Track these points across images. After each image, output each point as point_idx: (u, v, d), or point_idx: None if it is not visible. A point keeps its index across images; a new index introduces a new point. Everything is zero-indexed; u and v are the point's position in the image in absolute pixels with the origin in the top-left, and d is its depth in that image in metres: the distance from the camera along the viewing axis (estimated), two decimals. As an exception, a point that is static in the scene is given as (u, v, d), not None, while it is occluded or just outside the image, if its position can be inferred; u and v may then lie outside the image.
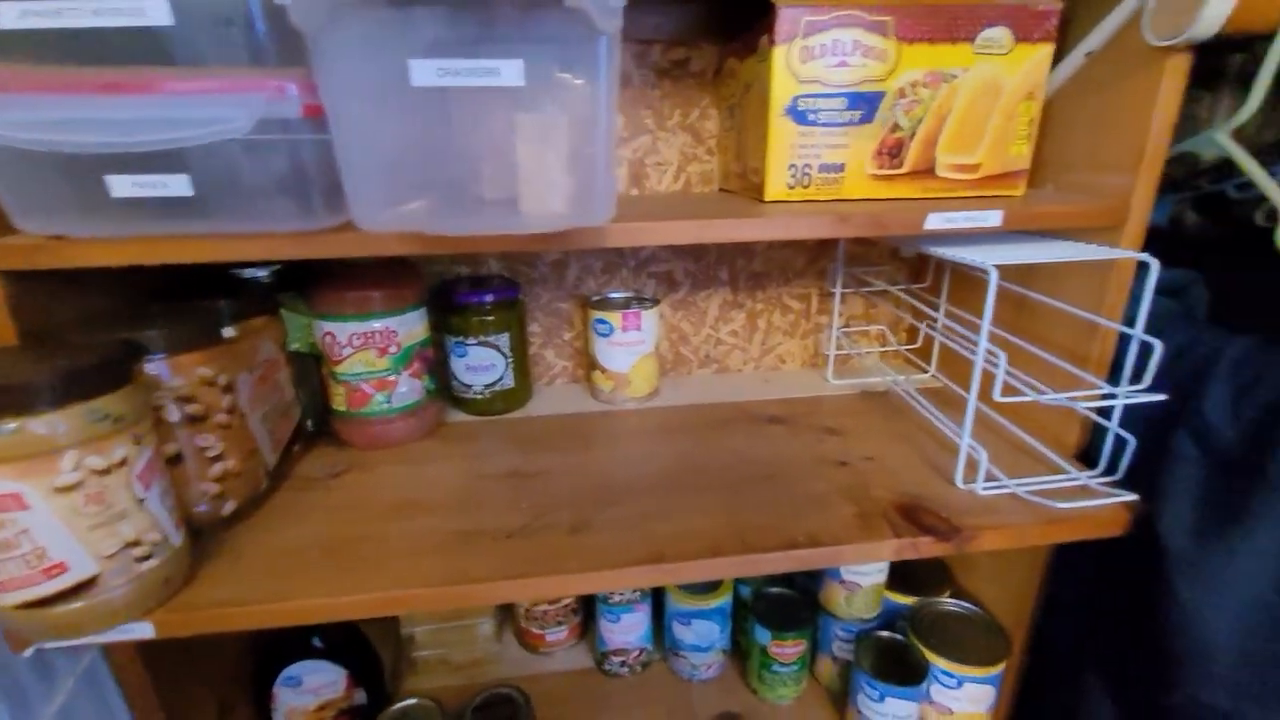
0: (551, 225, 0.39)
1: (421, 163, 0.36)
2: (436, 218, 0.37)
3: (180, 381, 0.46)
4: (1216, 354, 0.48)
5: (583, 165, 0.37)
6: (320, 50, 0.32)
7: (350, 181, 0.35)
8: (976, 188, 0.56)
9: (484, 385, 0.70)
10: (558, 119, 0.36)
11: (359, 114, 0.34)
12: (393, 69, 0.32)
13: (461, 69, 0.33)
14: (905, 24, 0.51)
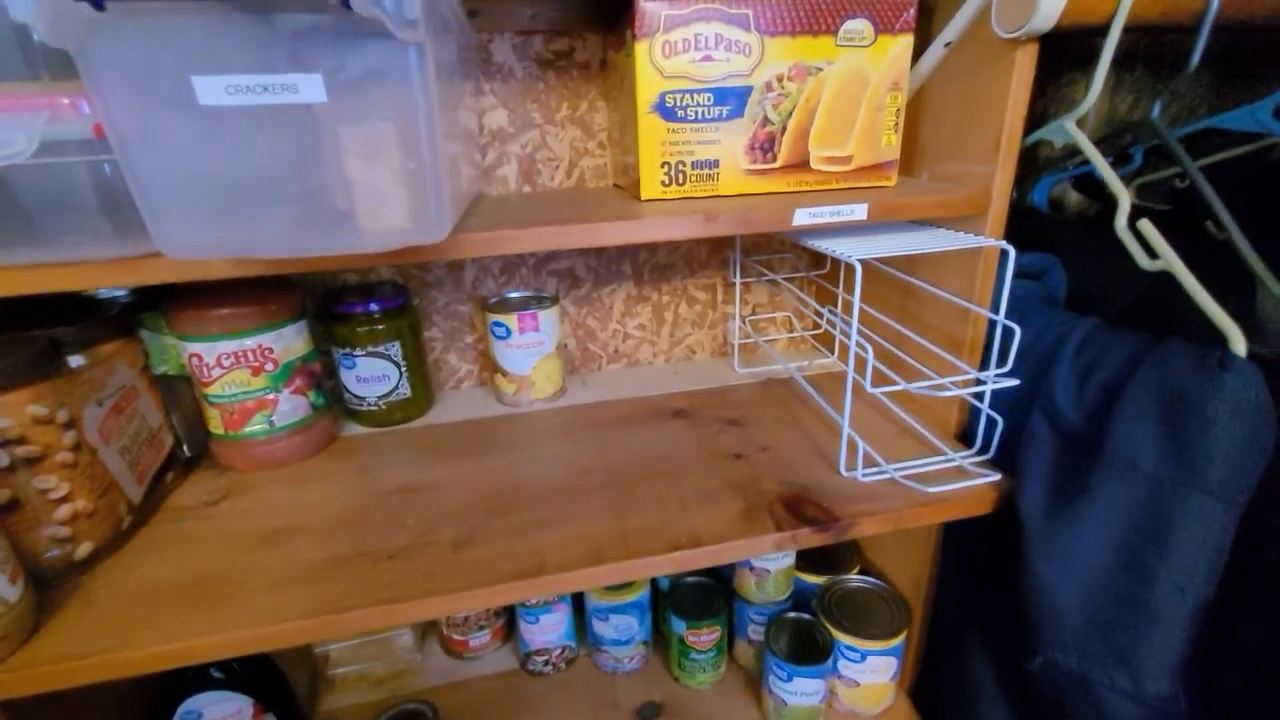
0: (388, 244, 0.37)
1: (228, 184, 0.33)
2: (257, 242, 0.35)
3: (7, 423, 0.43)
4: (1064, 337, 0.50)
5: (412, 180, 0.35)
6: (88, 69, 0.29)
7: (145, 209, 0.33)
8: (850, 179, 0.57)
9: (377, 396, 0.68)
10: (378, 131, 0.34)
11: (141, 137, 0.31)
12: (175, 87, 0.30)
13: (253, 85, 0.30)
14: (766, 17, 0.51)
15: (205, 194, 0.33)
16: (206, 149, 0.32)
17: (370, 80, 0.32)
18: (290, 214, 0.35)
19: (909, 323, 0.66)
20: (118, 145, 0.31)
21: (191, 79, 0.30)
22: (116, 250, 0.38)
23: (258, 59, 0.30)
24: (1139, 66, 0.80)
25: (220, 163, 0.33)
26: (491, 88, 0.67)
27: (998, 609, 0.57)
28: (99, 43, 0.28)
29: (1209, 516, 0.40)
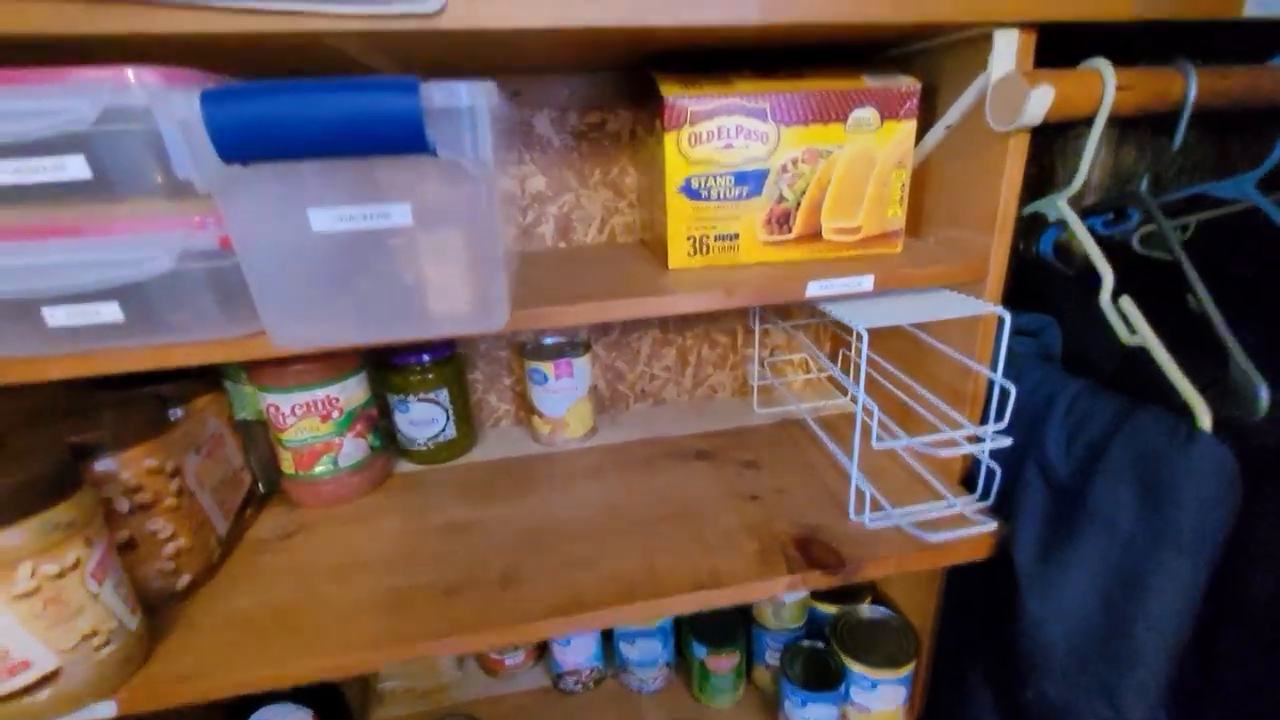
0: (456, 330, 0.44)
1: (327, 288, 0.40)
2: (347, 331, 0.42)
3: (128, 475, 0.50)
4: (1055, 396, 0.55)
5: (478, 278, 0.42)
6: (225, 204, 0.36)
7: (263, 311, 0.40)
8: (859, 247, 0.62)
9: (427, 438, 0.74)
10: (451, 238, 0.41)
11: (265, 256, 0.38)
12: (293, 215, 0.37)
13: (356, 214, 0.37)
14: (781, 109, 0.56)
15: (309, 296, 0.40)
16: (313, 260, 0.39)
17: (448, 204, 0.38)
18: (375, 308, 0.42)
19: (916, 372, 0.70)
20: (245, 261, 0.38)
21: (308, 211, 0.37)
22: (226, 332, 0.45)
23: (359, 192, 0.37)
24: (1141, 122, 0.84)
25: (322, 270, 0.40)
26: (531, 156, 0.74)
27: (996, 642, 0.61)
28: (239, 186, 0.35)
29: (1179, 569, 0.44)
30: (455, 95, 0.34)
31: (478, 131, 0.35)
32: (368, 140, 0.33)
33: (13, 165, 0.38)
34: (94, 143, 0.38)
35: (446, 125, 0.34)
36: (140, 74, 0.37)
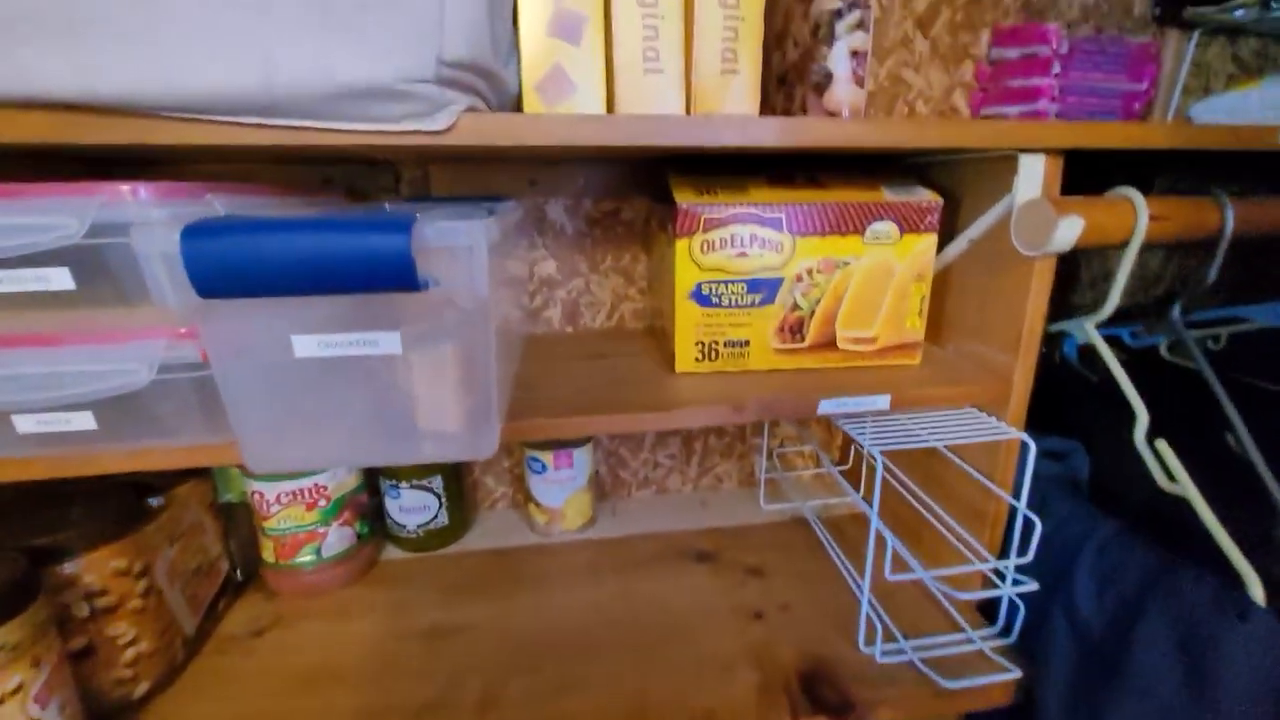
0: (440, 457, 0.41)
1: (309, 412, 0.38)
2: (327, 454, 0.40)
3: (91, 578, 0.47)
4: (1085, 537, 0.51)
5: (468, 407, 0.39)
6: (203, 330, 0.34)
7: (240, 435, 0.37)
8: (875, 358, 0.60)
9: (417, 525, 0.71)
10: (442, 360, 0.39)
11: (244, 380, 0.36)
12: (275, 343, 0.35)
13: (342, 341, 0.35)
14: (798, 220, 0.55)
15: (290, 420, 0.38)
16: (294, 385, 0.37)
17: (440, 334, 0.36)
18: (358, 433, 0.39)
19: (932, 486, 0.67)
20: (222, 385, 0.36)
21: (291, 337, 0.35)
22: (208, 438, 0.43)
23: (345, 321, 0.35)
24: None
25: (302, 394, 0.38)
26: (544, 242, 0.73)
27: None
28: (218, 314, 0.33)
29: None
30: (452, 235, 0.32)
31: (474, 267, 0.33)
32: (355, 280, 0.31)
33: None
34: (79, 255, 0.36)
35: (442, 260, 0.32)
36: (136, 189, 0.36)
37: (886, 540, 0.53)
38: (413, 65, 0.38)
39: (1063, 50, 0.66)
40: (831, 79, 0.51)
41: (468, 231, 0.32)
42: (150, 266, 0.31)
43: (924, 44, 0.73)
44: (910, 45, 0.73)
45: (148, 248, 0.31)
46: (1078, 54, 0.66)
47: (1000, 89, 0.72)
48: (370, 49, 0.37)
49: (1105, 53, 0.67)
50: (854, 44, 0.49)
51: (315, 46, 0.36)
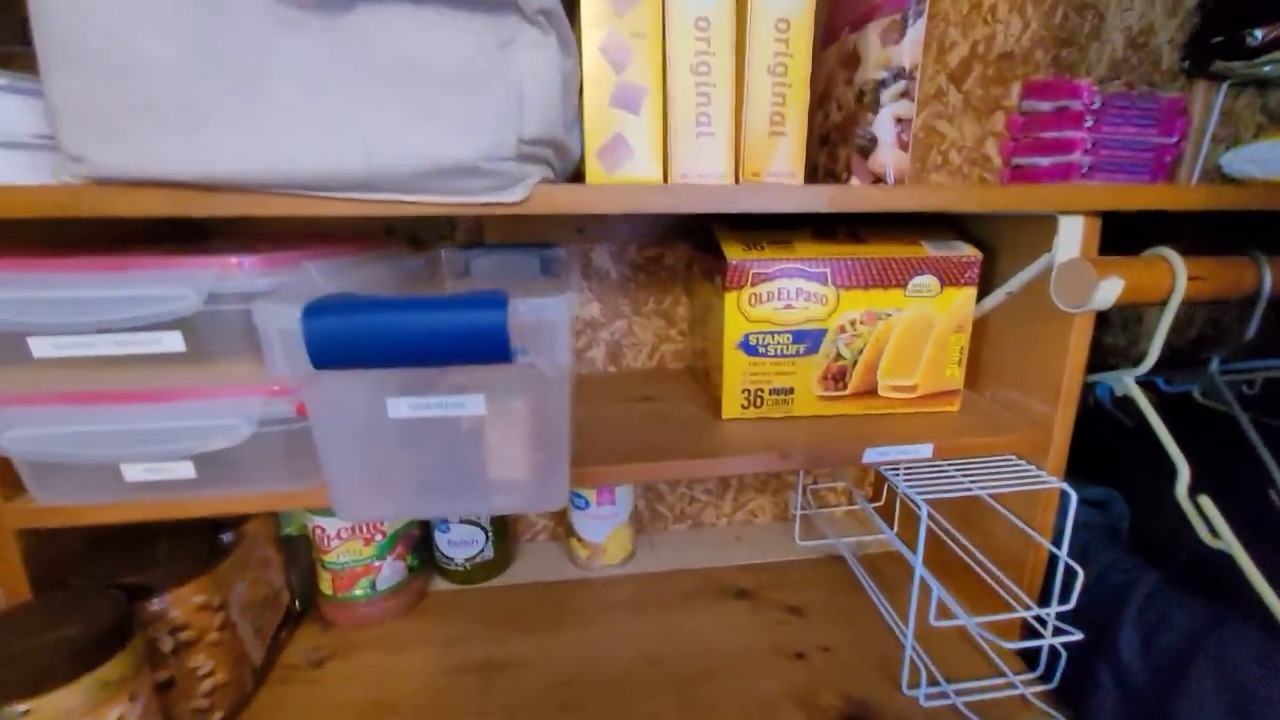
0: (513, 509, 0.44)
1: (396, 468, 0.41)
2: (410, 507, 0.42)
3: (177, 613, 0.50)
4: (1128, 588, 0.52)
5: (542, 465, 0.42)
6: (309, 396, 0.37)
7: (333, 488, 0.40)
8: (915, 405, 0.61)
9: (465, 558, 0.74)
10: (518, 429, 0.41)
11: (341, 440, 0.39)
12: (372, 405, 0.38)
13: (432, 404, 0.38)
14: (842, 274, 0.57)
15: (378, 475, 0.41)
16: (381, 441, 0.40)
17: (521, 398, 0.39)
18: (440, 487, 0.42)
19: (969, 529, 0.68)
20: (321, 444, 0.39)
21: (386, 400, 0.38)
22: (291, 486, 0.46)
23: (437, 384, 0.38)
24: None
25: (392, 452, 0.41)
26: (589, 285, 0.76)
27: None
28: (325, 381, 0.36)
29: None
30: (541, 310, 0.35)
31: (558, 339, 0.36)
32: (455, 353, 0.34)
33: (114, 339, 0.40)
34: (193, 322, 0.40)
35: (529, 333, 0.35)
36: (243, 261, 0.39)
37: (931, 587, 0.54)
38: (495, 145, 0.41)
39: (1095, 105, 0.68)
40: (876, 143, 0.53)
41: (554, 307, 0.35)
42: (268, 340, 0.34)
43: (957, 97, 0.76)
44: (944, 98, 0.75)
45: (267, 324, 0.34)
46: (1110, 109, 0.68)
47: (1032, 140, 0.74)
48: (458, 131, 0.40)
49: (1136, 108, 0.69)
50: (898, 111, 0.52)
51: (409, 131, 0.40)
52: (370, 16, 0.39)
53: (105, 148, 0.38)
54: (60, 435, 0.40)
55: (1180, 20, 0.76)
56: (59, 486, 0.44)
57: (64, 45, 0.38)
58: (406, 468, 0.41)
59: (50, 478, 0.44)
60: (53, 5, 0.37)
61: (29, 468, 0.43)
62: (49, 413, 0.40)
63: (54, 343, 0.39)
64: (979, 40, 0.74)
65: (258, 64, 0.39)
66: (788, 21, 0.51)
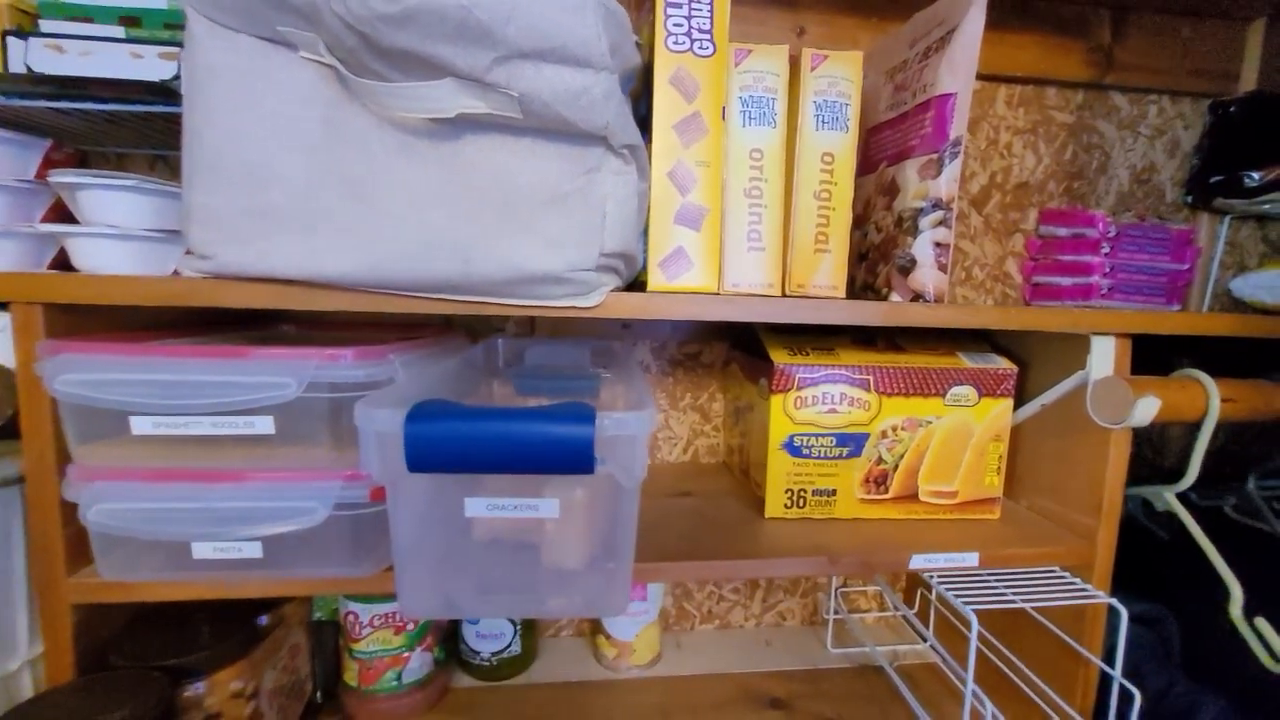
0: (573, 614, 0.44)
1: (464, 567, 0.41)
2: (473, 607, 0.43)
3: (212, 700, 0.49)
4: (1192, 712, 0.50)
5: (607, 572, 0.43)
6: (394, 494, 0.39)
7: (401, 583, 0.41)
8: (955, 511, 0.62)
9: (491, 653, 0.72)
10: (587, 535, 0.43)
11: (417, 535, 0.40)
12: (450, 504, 0.39)
13: (507, 505, 0.40)
14: (884, 381, 0.60)
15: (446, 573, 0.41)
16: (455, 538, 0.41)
17: (594, 505, 0.41)
18: (504, 589, 0.43)
19: (1011, 642, 0.66)
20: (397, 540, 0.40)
21: (464, 499, 0.39)
22: (351, 571, 0.46)
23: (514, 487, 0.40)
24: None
25: (464, 551, 0.42)
26: (628, 378, 0.79)
27: None
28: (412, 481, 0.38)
29: None
30: (624, 426, 0.37)
31: (636, 452, 0.38)
32: (542, 463, 0.36)
33: (210, 421, 0.42)
34: (285, 407, 0.42)
35: (609, 445, 0.37)
36: (342, 354, 0.42)
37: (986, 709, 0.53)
38: (580, 258, 0.45)
39: (1111, 234, 0.73)
40: (916, 263, 0.58)
41: (636, 423, 0.37)
42: (366, 440, 0.36)
43: (978, 219, 0.82)
44: (966, 220, 0.81)
45: (367, 425, 0.36)
46: (1125, 237, 0.74)
47: (1052, 261, 0.79)
48: (548, 246, 0.44)
49: (1149, 236, 0.75)
50: (937, 237, 0.57)
51: (505, 243, 0.44)
52: (474, 145, 0.44)
53: (231, 249, 0.42)
54: (144, 511, 0.42)
55: (1179, 161, 0.83)
56: (125, 562, 0.44)
57: (209, 161, 0.42)
58: (475, 566, 0.42)
59: (118, 552, 0.44)
60: (204, 126, 0.43)
61: (101, 541, 0.44)
62: (137, 489, 0.42)
63: (154, 421, 0.41)
64: (997, 171, 0.81)
65: (374, 182, 0.43)
66: (832, 155, 0.57)
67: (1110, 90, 0.81)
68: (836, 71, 0.57)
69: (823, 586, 0.86)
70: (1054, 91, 0.81)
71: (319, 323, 0.72)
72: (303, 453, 0.44)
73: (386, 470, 0.37)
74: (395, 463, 0.36)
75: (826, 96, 0.57)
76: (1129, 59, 0.80)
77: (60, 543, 0.45)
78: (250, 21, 0.42)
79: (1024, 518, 0.63)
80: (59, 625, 0.46)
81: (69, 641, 0.46)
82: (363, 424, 0.36)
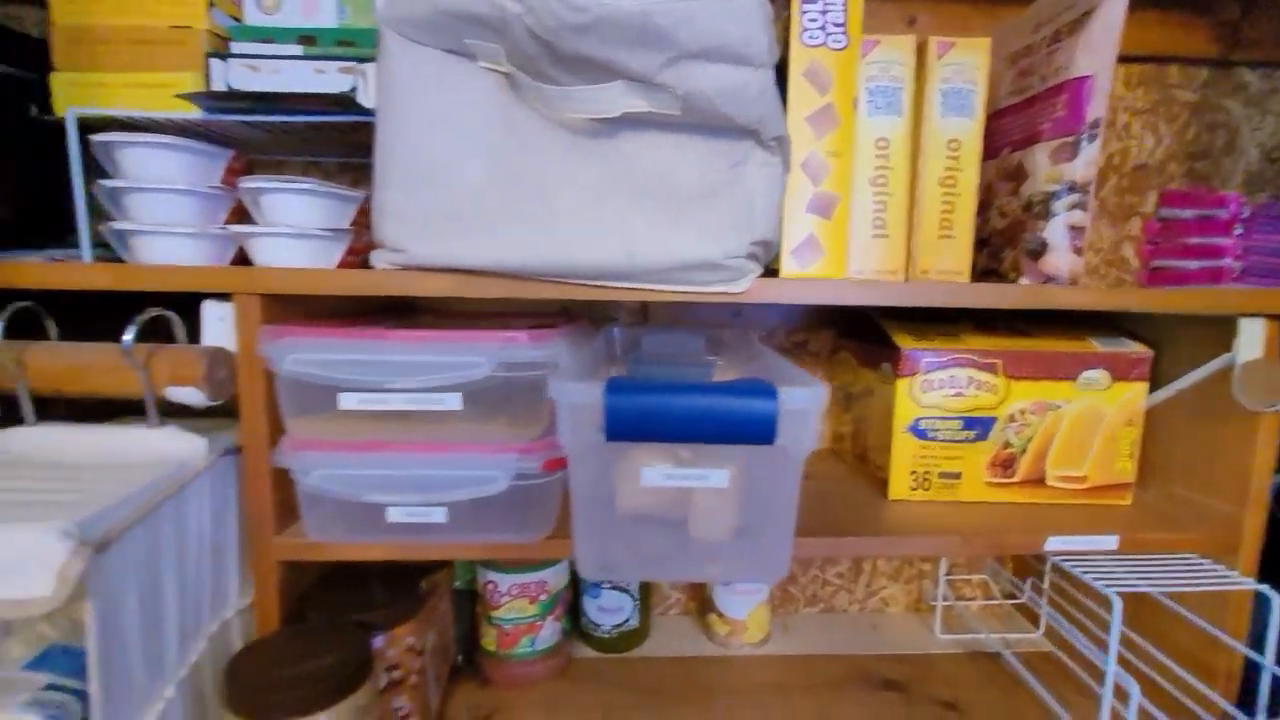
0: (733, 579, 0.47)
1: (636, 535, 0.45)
2: (641, 571, 0.46)
3: (392, 653, 0.54)
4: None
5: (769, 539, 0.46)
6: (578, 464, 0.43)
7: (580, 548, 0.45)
8: (1085, 496, 0.62)
9: (612, 625, 0.76)
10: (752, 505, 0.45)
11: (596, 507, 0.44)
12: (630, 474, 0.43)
13: (680, 475, 0.43)
14: (1013, 365, 0.60)
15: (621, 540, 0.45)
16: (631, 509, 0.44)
17: (762, 477, 0.43)
18: (674, 553, 0.46)
19: (1141, 629, 0.65)
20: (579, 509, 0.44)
21: (641, 469, 0.42)
22: (517, 537, 0.51)
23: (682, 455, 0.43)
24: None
25: (637, 519, 0.45)
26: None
27: None
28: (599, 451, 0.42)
29: None
30: (802, 400, 0.39)
31: (809, 425, 0.40)
32: (728, 434, 0.39)
33: (406, 398, 0.47)
34: (472, 385, 0.46)
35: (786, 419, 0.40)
36: (522, 336, 0.46)
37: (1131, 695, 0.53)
38: (734, 246, 0.48)
39: (1244, 215, 0.71)
40: (1047, 247, 0.58)
41: (812, 398, 0.39)
42: (561, 411, 0.40)
43: (1093, 203, 0.80)
44: (1081, 204, 0.80)
45: (564, 398, 0.40)
46: (1259, 218, 0.71)
47: (1175, 245, 0.76)
48: (706, 235, 0.47)
49: (1285, 217, 0.72)
50: (1072, 220, 0.57)
51: (667, 234, 0.47)
52: (632, 142, 0.48)
53: (421, 243, 0.47)
54: (350, 477, 0.47)
55: (1316, 136, 0.79)
56: (328, 524, 0.50)
57: (401, 164, 0.47)
58: (647, 532, 0.45)
59: (323, 515, 0.50)
60: (396, 132, 0.47)
61: (310, 504, 0.50)
62: (346, 458, 0.47)
63: (360, 398, 0.46)
64: (1114, 153, 0.79)
65: (545, 179, 0.47)
66: (958, 141, 0.58)
67: (1238, 67, 0.78)
68: (963, 58, 0.57)
69: (928, 573, 0.86)
70: (1176, 70, 0.78)
71: (449, 313, 0.77)
72: (482, 428, 0.49)
73: (577, 440, 0.40)
74: (586, 433, 0.40)
75: (953, 84, 0.58)
76: (1257, 34, 0.76)
77: (269, 506, 0.50)
78: (439, 36, 0.46)
79: (1156, 505, 0.62)
80: (267, 580, 0.52)
81: (275, 594, 0.52)
82: (560, 397, 0.40)
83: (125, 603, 0.40)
